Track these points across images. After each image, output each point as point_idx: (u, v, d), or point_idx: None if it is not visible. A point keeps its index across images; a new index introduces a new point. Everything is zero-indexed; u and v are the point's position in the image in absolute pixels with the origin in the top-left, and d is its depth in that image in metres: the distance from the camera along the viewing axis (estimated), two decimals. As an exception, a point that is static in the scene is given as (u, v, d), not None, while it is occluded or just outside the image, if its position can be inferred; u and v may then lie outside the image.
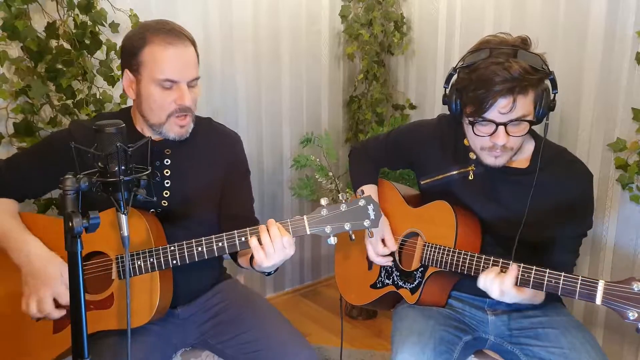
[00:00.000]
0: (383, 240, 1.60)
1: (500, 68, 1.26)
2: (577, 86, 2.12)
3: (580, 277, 1.18)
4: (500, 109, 1.29)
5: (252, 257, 1.34)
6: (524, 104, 1.30)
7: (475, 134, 1.37)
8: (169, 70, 1.36)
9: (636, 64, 1.94)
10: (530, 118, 1.33)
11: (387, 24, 2.77)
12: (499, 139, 1.34)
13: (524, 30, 2.24)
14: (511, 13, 2.30)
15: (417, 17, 2.75)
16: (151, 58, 1.36)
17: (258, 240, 1.28)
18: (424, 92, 2.79)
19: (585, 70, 2.09)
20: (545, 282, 1.23)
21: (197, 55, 1.45)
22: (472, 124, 1.36)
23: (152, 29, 1.38)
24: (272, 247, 1.26)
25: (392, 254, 1.61)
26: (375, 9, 2.72)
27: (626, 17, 1.95)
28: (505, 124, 1.31)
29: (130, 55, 1.39)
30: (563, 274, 1.21)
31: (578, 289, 1.18)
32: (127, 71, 1.41)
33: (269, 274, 1.43)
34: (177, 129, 1.43)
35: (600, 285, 1.14)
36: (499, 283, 1.27)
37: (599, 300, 1.14)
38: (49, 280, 1.32)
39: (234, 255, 1.54)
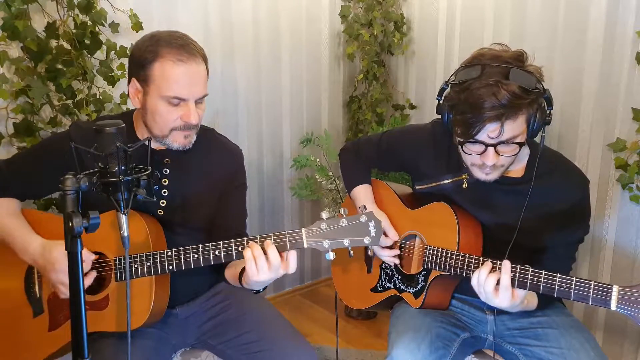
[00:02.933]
0: (384, 234, 1.59)
1: (489, 93, 1.24)
2: (577, 86, 2.12)
3: (593, 282, 1.16)
4: (489, 133, 1.28)
5: (240, 273, 1.35)
6: (514, 127, 1.28)
7: (465, 152, 1.36)
8: (177, 88, 1.34)
9: (636, 64, 1.94)
10: (520, 139, 1.31)
11: (387, 24, 2.77)
12: (488, 159, 1.33)
13: (523, 30, 2.25)
14: (511, 14, 2.30)
15: (417, 17, 2.75)
16: (161, 73, 1.33)
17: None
18: (424, 92, 2.78)
19: (585, 70, 2.09)
20: (557, 287, 1.20)
21: (207, 72, 1.43)
22: (462, 144, 1.35)
23: (165, 42, 1.34)
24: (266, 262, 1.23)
25: (396, 248, 1.60)
26: (375, 9, 2.72)
27: (626, 17, 1.95)
28: (494, 145, 1.30)
29: (139, 66, 1.36)
30: (575, 278, 1.18)
31: (591, 295, 1.15)
32: (134, 80, 1.38)
33: (257, 292, 1.42)
34: (181, 139, 1.41)
35: (615, 291, 1.13)
36: (494, 280, 1.24)
37: (613, 306, 1.13)
38: (61, 268, 1.33)
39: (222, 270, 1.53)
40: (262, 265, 1.23)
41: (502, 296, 1.24)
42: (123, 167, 1.05)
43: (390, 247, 1.59)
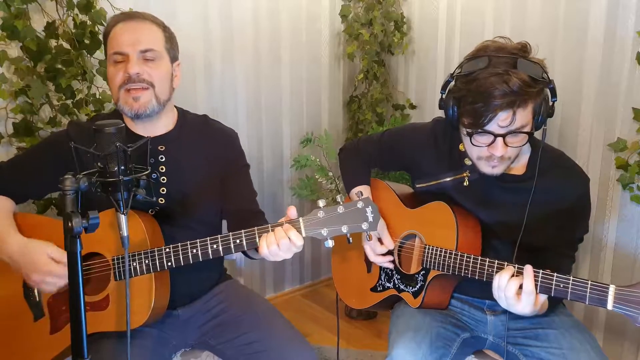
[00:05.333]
0: (380, 240, 1.60)
1: (500, 80, 1.23)
2: (577, 86, 2.12)
3: (590, 282, 1.15)
4: (500, 122, 1.27)
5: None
6: (523, 116, 1.28)
7: (473, 144, 1.35)
8: (117, 43, 1.38)
9: (636, 64, 1.93)
10: (528, 129, 1.31)
11: (387, 24, 2.76)
12: (497, 150, 1.32)
13: (524, 30, 2.24)
14: (511, 13, 2.30)
15: (417, 16, 2.74)
16: (110, 41, 1.41)
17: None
18: (424, 92, 2.78)
19: (586, 70, 2.08)
20: (554, 287, 1.20)
21: (168, 39, 1.45)
22: (470, 135, 1.34)
23: (117, 17, 1.44)
24: (277, 247, 1.25)
25: (392, 254, 1.60)
26: (376, 8, 2.72)
27: (626, 17, 1.94)
28: (504, 136, 1.30)
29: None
30: (572, 277, 1.18)
31: (588, 294, 1.15)
32: None
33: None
34: (130, 101, 1.39)
35: (611, 290, 1.12)
36: (515, 284, 1.22)
37: (610, 305, 1.12)
38: (37, 267, 1.33)
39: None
40: (277, 253, 1.26)
41: (525, 301, 1.22)
42: (122, 167, 1.05)
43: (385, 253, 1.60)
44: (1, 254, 1.37)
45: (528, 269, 1.22)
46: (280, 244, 1.24)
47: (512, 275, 1.24)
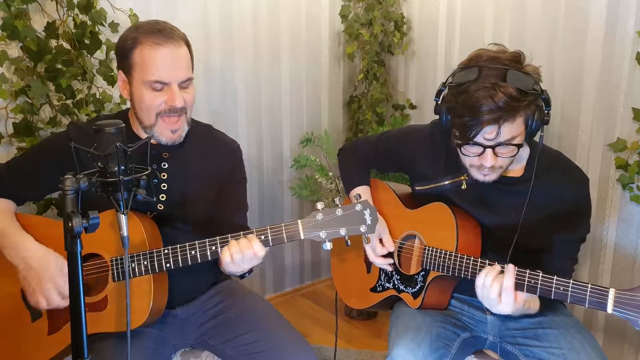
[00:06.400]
0: (381, 241, 1.60)
1: (486, 95, 1.23)
2: (577, 86, 2.12)
3: (589, 285, 1.15)
4: (486, 135, 1.28)
5: None
6: (511, 129, 1.28)
7: (463, 153, 1.36)
8: (158, 71, 1.35)
9: (636, 63, 1.93)
10: (518, 140, 1.31)
11: (387, 24, 2.77)
12: (486, 160, 1.33)
13: (523, 30, 2.24)
14: (511, 14, 2.30)
15: (417, 17, 2.74)
16: (141, 59, 1.35)
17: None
18: (424, 92, 2.78)
19: (586, 70, 2.08)
20: (554, 289, 1.20)
21: (192, 56, 1.43)
22: (460, 146, 1.35)
23: (143, 29, 1.37)
24: (241, 256, 1.29)
25: (392, 257, 1.60)
26: (376, 8, 2.72)
27: (626, 17, 1.94)
28: (493, 147, 1.30)
29: (122, 56, 1.39)
30: (572, 280, 1.18)
31: (588, 297, 1.15)
32: (120, 72, 1.41)
33: (242, 276, 1.47)
34: (168, 134, 1.41)
35: (611, 294, 1.13)
36: (498, 285, 1.24)
37: (609, 309, 1.13)
38: (49, 276, 1.33)
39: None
40: (238, 260, 1.30)
41: (505, 301, 1.24)
42: (123, 167, 1.05)
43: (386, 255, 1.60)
44: (15, 254, 1.37)
45: (509, 267, 1.23)
46: (244, 254, 1.28)
47: (498, 275, 1.25)
